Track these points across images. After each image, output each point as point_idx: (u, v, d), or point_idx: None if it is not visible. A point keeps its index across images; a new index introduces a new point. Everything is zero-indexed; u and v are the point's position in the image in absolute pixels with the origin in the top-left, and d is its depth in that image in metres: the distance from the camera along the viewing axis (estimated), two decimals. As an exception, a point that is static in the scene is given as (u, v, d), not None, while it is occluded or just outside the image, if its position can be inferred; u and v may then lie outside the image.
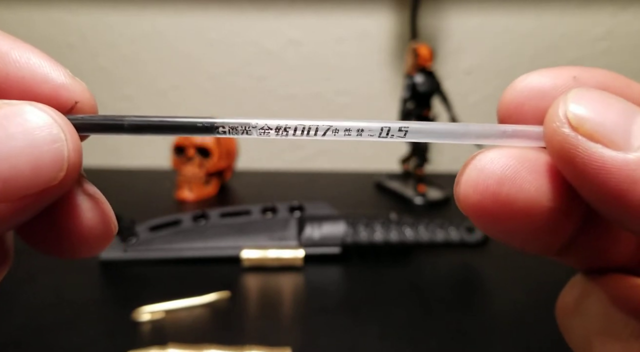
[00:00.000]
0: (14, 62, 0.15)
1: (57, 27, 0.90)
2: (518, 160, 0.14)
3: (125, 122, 0.15)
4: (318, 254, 0.53)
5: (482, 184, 0.14)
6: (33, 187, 0.13)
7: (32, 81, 0.15)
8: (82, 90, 0.16)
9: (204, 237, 0.53)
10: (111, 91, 0.92)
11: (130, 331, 0.40)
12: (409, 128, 0.15)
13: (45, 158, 0.13)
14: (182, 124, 0.15)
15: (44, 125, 0.13)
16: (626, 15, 0.88)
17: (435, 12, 0.87)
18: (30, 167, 0.13)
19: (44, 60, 0.15)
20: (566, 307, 0.16)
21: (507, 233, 0.15)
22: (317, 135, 0.15)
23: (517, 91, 0.15)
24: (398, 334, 0.40)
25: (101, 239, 0.16)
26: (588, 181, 0.13)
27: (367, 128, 0.15)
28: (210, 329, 0.41)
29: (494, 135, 0.15)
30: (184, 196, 0.71)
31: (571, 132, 0.13)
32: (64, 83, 0.15)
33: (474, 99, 0.91)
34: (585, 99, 0.13)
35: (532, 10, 0.88)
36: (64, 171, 0.14)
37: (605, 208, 0.13)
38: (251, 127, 0.15)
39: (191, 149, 0.70)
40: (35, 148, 0.13)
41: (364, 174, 0.85)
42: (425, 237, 0.54)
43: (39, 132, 0.13)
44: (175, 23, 0.89)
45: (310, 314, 0.44)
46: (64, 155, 0.14)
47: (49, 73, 0.15)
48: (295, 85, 0.92)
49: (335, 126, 0.15)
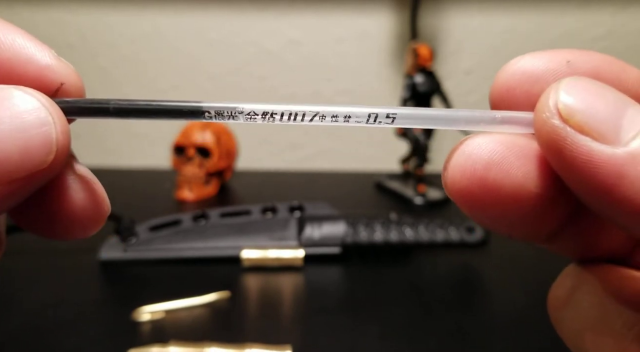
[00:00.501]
0: None
1: (57, 27, 0.90)
2: (506, 146, 0.14)
3: (111, 105, 0.15)
4: (318, 254, 0.53)
5: (469, 169, 0.14)
6: (22, 170, 0.13)
7: (16, 62, 0.15)
8: (68, 71, 0.16)
9: (204, 237, 0.53)
10: (111, 91, 0.92)
11: (130, 331, 0.40)
12: (397, 114, 0.15)
13: (33, 142, 0.13)
14: (168, 108, 0.15)
15: (31, 109, 0.13)
16: (626, 15, 0.88)
17: (435, 12, 0.87)
18: (19, 151, 0.13)
19: (29, 41, 0.15)
20: (558, 299, 0.16)
21: (494, 219, 0.14)
22: (304, 121, 0.15)
23: (509, 74, 0.15)
24: (398, 334, 0.40)
25: (93, 220, 0.16)
26: (575, 174, 0.12)
27: (354, 114, 0.15)
28: (211, 329, 0.41)
29: (484, 121, 0.15)
30: (184, 195, 0.71)
31: (560, 124, 0.12)
32: (49, 64, 0.15)
33: (473, 99, 0.91)
34: (576, 89, 0.13)
35: (532, 10, 0.88)
36: (52, 154, 0.14)
37: (592, 202, 0.13)
38: (237, 112, 0.15)
39: (191, 149, 0.70)
40: (23, 132, 0.13)
41: (364, 174, 0.85)
42: (425, 237, 0.54)
43: (27, 116, 0.13)
44: (175, 23, 0.89)
45: (310, 314, 0.44)
46: (53, 139, 0.14)
47: (34, 54, 0.15)
48: (295, 85, 0.92)
49: (323, 112, 0.15)
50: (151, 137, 0.94)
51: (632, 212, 0.12)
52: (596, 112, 0.12)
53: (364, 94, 0.92)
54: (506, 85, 0.15)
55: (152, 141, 0.95)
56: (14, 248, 0.18)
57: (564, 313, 0.16)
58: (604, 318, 0.15)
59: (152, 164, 0.93)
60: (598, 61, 0.15)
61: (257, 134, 0.93)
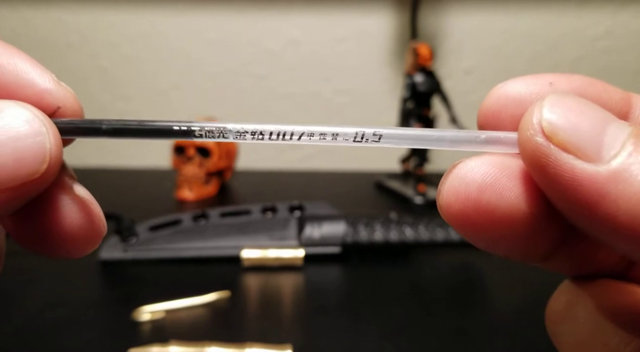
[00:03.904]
0: (0, 67, 0.15)
1: (57, 27, 0.90)
2: (498, 168, 0.14)
3: (104, 125, 0.15)
4: (318, 254, 0.53)
5: (463, 193, 0.14)
6: (15, 179, 0.13)
7: (17, 85, 0.15)
8: (66, 95, 0.16)
9: (204, 236, 0.53)
10: (111, 91, 0.92)
11: (130, 331, 0.40)
12: (383, 133, 0.15)
13: (27, 151, 0.14)
14: (159, 128, 0.15)
15: (26, 120, 0.14)
16: (626, 15, 0.88)
17: (435, 12, 0.87)
18: (13, 160, 0.13)
19: (31, 65, 0.16)
20: (555, 314, 0.16)
21: (490, 241, 0.14)
22: (292, 140, 0.16)
23: (494, 98, 0.15)
24: (398, 334, 0.40)
25: (89, 240, 0.16)
26: (559, 191, 0.13)
27: (341, 133, 0.16)
28: (211, 329, 0.41)
29: (469, 141, 0.15)
30: (184, 195, 0.71)
31: (544, 142, 0.13)
32: (47, 88, 0.16)
33: (473, 99, 0.91)
34: (560, 106, 0.13)
35: (532, 10, 0.88)
36: (46, 164, 0.14)
37: (577, 219, 0.13)
38: (227, 131, 0.15)
39: (191, 148, 0.70)
40: (17, 141, 0.13)
41: (364, 174, 0.85)
42: (425, 237, 0.54)
43: (22, 127, 0.14)
44: (175, 23, 0.89)
45: (310, 314, 0.44)
46: (46, 149, 0.14)
47: (35, 78, 0.16)
48: (295, 84, 0.92)
49: (310, 131, 0.16)
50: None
51: (614, 229, 0.12)
52: (579, 130, 0.12)
53: (364, 93, 0.92)
54: (492, 109, 0.15)
55: (152, 141, 0.95)
56: (14, 248, 0.18)
57: (560, 328, 0.16)
58: (600, 335, 0.15)
59: (152, 164, 0.93)
60: (579, 83, 0.15)
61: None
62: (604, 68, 0.90)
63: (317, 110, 0.93)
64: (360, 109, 0.93)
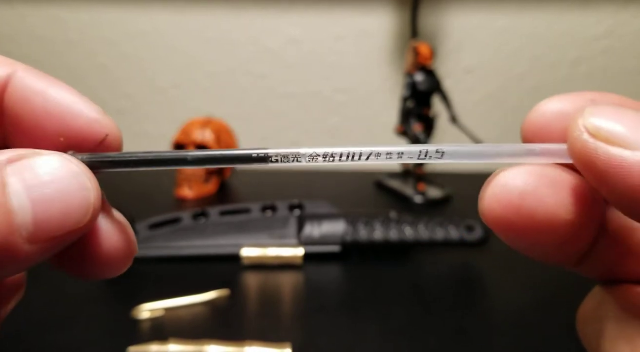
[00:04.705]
0: (53, 100, 0.17)
1: (57, 25, 0.90)
2: (538, 177, 0.15)
3: (189, 157, 0.17)
4: (318, 253, 0.53)
5: (505, 199, 0.15)
6: (61, 230, 0.15)
7: (69, 116, 0.17)
8: (111, 125, 0.18)
9: (203, 235, 0.54)
10: (111, 89, 0.92)
11: (130, 329, 0.40)
12: (445, 151, 0.16)
13: (74, 204, 0.15)
14: (239, 156, 0.17)
15: (73, 175, 0.15)
16: (627, 14, 0.88)
17: (436, 11, 0.87)
18: (61, 213, 0.15)
19: (78, 97, 0.17)
20: (584, 316, 0.18)
21: (530, 244, 0.16)
22: (361, 160, 0.17)
23: (540, 114, 0.17)
24: (397, 333, 0.40)
25: (124, 261, 0.18)
26: (610, 182, 0.14)
27: (407, 152, 0.16)
28: (211, 327, 0.41)
29: (526, 154, 0.16)
30: (184, 194, 0.71)
31: (590, 139, 0.14)
32: (97, 118, 0.17)
33: (474, 98, 0.91)
34: (600, 111, 0.14)
35: (533, 9, 0.88)
36: (89, 215, 0.15)
37: (629, 207, 0.14)
38: (301, 156, 0.17)
39: (191, 147, 0.70)
40: (65, 195, 0.15)
41: (363, 173, 0.85)
42: (425, 236, 0.54)
43: (69, 182, 0.15)
44: (175, 21, 0.89)
45: (310, 313, 0.44)
46: (91, 202, 0.15)
47: (83, 110, 0.17)
48: (295, 83, 0.92)
49: (378, 151, 0.16)
50: (151, 135, 0.94)
51: None
52: (620, 125, 0.14)
53: (364, 92, 0.92)
54: (538, 124, 0.17)
55: (152, 139, 0.95)
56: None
57: (590, 328, 0.17)
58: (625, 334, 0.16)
59: (151, 162, 0.93)
60: (619, 101, 0.17)
61: (257, 133, 0.93)
62: (605, 68, 0.90)
63: (317, 109, 0.93)
64: (360, 108, 0.93)
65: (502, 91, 0.91)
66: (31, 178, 0.14)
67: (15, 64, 0.17)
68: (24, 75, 0.17)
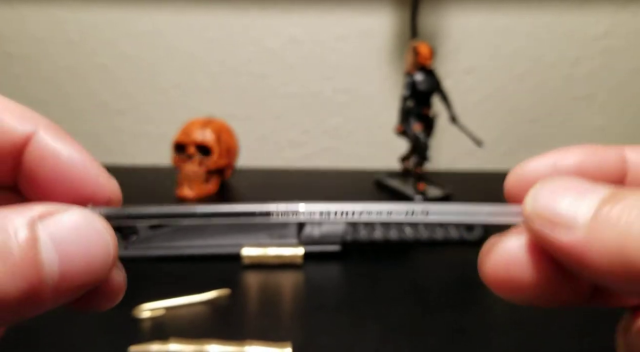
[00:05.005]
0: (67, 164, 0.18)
1: (58, 25, 0.90)
2: (519, 248, 0.17)
3: (198, 212, 0.19)
4: (318, 252, 0.53)
5: (496, 267, 0.18)
6: (83, 281, 0.16)
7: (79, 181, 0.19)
8: (115, 188, 0.20)
9: (204, 235, 0.54)
10: (112, 89, 0.93)
11: (130, 328, 0.41)
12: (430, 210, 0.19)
13: (96, 258, 0.16)
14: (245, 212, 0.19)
15: (95, 232, 0.17)
16: (626, 14, 0.88)
17: (436, 11, 0.88)
18: (84, 266, 0.16)
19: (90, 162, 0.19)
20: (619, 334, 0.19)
21: (527, 300, 0.18)
22: (354, 217, 0.19)
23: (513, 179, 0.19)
24: (397, 331, 0.41)
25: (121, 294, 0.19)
26: (557, 257, 0.16)
27: (395, 210, 0.18)
28: (211, 326, 0.42)
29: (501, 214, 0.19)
30: (184, 193, 0.71)
31: (535, 222, 0.16)
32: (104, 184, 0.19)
33: (473, 98, 0.91)
34: (542, 192, 0.17)
35: (532, 9, 0.88)
36: (108, 267, 0.17)
37: (579, 274, 0.16)
38: (299, 212, 0.18)
39: (192, 146, 0.70)
40: (88, 250, 0.16)
41: (363, 172, 0.86)
42: (424, 235, 0.54)
43: (92, 238, 0.16)
44: (175, 21, 0.89)
45: (310, 312, 0.44)
46: (110, 255, 0.17)
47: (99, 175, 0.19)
48: (295, 83, 0.92)
49: (369, 209, 0.18)
50: (152, 135, 0.95)
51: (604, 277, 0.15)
52: (557, 208, 0.16)
53: (365, 92, 0.92)
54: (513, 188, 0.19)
55: (152, 139, 0.95)
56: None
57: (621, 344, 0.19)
58: None
59: (152, 162, 0.93)
60: (580, 156, 0.19)
61: (257, 133, 0.94)
62: (604, 67, 0.90)
63: (317, 108, 0.93)
64: (360, 107, 0.93)
65: (501, 91, 0.91)
66: (59, 234, 0.16)
67: (38, 121, 0.18)
68: (44, 136, 0.18)
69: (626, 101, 0.92)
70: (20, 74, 0.92)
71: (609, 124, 0.93)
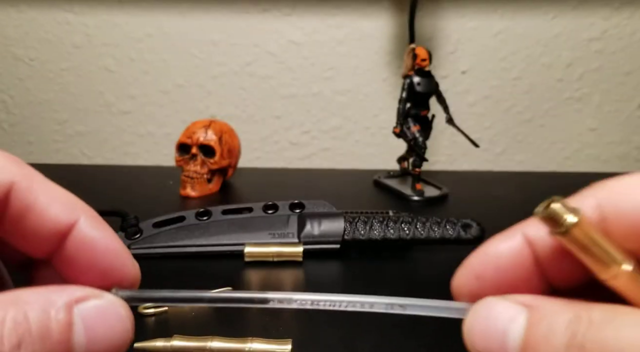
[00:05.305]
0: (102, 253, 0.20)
1: (62, 28, 0.91)
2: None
3: (205, 297, 0.21)
4: (318, 250, 0.53)
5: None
6: None
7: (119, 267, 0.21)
8: (138, 270, 0.22)
9: (206, 233, 0.54)
10: (116, 91, 0.93)
11: (135, 325, 0.41)
12: (407, 304, 0.21)
13: (117, 342, 0.18)
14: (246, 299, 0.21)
15: (119, 319, 0.19)
16: (620, 17, 0.88)
17: (433, 15, 0.88)
18: (106, 348, 0.18)
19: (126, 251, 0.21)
20: None
21: None
22: (341, 307, 0.21)
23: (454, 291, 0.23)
24: (396, 330, 0.41)
25: None
26: None
27: (376, 303, 0.21)
28: (213, 323, 0.42)
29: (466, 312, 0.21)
30: (187, 193, 0.72)
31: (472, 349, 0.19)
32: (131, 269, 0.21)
33: (470, 100, 0.92)
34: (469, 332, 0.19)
35: (527, 12, 0.88)
36: (125, 348, 0.19)
37: None
38: (293, 301, 0.21)
39: (194, 147, 0.71)
40: (112, 334, 0.18)
41: (362, 173, 0.86)
42: (422, 234, 0.54)
43: (116, 324, 0.19)
44: (179, 24, 0.90)
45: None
46: (128, 339, 0.19)
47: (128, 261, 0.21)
48: (295, 85, 0.93)
49: (354, 301, 0.20)
50: (155, 136, 0.95)
51: None
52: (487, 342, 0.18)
53: (363, 94, 0.93)
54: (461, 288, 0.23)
55: (156, 140, 0.96)
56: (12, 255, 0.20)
57: None
58: None
59: (156, 162, 0.94)
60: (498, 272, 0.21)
61: (259, 133, 0.94)
62: (598, 69, 0.91)
63: (317, 109, 0.94)
64: (359, 109, 0.94)
65: (497, 93, 0.92)
66: (90, 319, 0.18)
67: (81, 210, 0.20)
68: (85, 224, 0.20)
69: (620, 103, 0.93)
70: (26, 76, 0.93)
71: (603, 125, 0.94)
